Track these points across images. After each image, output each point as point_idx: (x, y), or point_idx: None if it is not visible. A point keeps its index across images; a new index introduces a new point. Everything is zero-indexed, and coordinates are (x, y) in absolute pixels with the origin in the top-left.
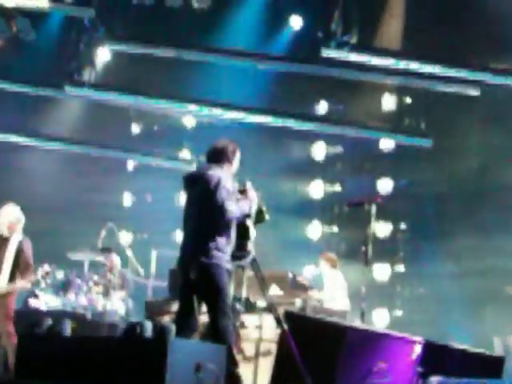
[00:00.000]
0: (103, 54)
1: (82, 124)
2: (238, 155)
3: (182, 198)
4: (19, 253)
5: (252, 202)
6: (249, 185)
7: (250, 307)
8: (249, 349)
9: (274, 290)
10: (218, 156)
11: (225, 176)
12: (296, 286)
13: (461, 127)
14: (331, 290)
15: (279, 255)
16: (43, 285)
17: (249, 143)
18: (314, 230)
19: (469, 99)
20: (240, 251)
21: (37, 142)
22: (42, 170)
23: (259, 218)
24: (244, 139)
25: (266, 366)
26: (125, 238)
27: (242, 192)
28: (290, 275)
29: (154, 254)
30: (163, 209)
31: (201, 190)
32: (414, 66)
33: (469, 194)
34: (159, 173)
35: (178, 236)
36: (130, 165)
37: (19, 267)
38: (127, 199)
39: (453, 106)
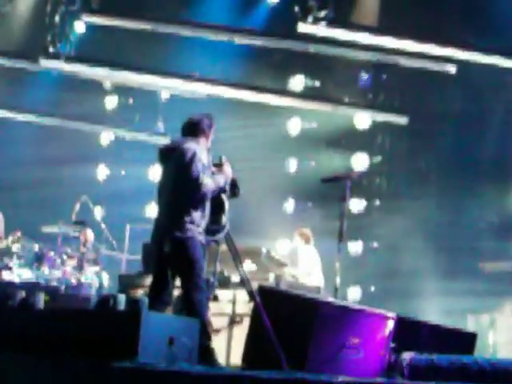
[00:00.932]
0: (78, 27)
1: (57, 97)
2: (213, 129)
3: (156, 172)
4: None
5: (227, 176)
6: (224, 159)
7: (224, 281)
8: (222, 323)
9: (248, 265)
10: (193, 129)
11: (200, 149)
12: (270, 261)
13: (436, 104)
14: (305, 266)
15: (253, 230)
16: (14, 249)
17: (224, 117)
18: (289, 205)
19: (445, 76)
20: (214, 225)
21: (11, 115)
22: (15, 142)
23: (234, 192)
24: (219, 114)
25: (240, 339)
26: (99, 211)
27: (218, 166)
28: (264, 250)
29: (127, 228)
30: (137, 182)
31: (176, 163)
32: (390, 42)
33: (444, 171)
34: (134, 146)
35: (152, 210)
36: (105, 138)
37: None
38: (101, 173)
39: (428, 83)
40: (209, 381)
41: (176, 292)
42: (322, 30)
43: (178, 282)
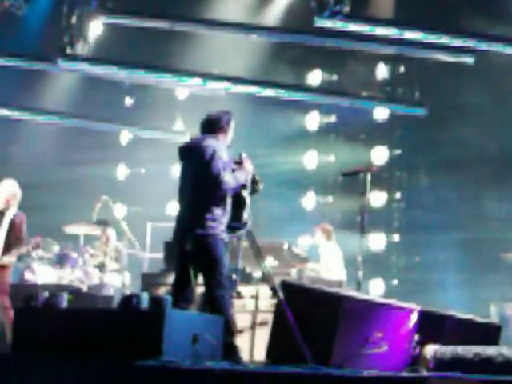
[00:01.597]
0: (95, 27)
1: (75, 98)
2: (232, 125)
3: (176, 170)
4: (12, 227)
5: (247, 172)
6: (244, 155)
7: (246, 278)
8: (245, 319)
9: (270, 261)
10: (212, 126)
11: (220, 147)
12: (292, 257)
13: (456, 96)
14: (327, 261)
15: (275, 226)
16: (34, 254)
17: (243, 114)
18: (309, 200)
19: (463, 67)
20: (236, 222)
21: (30, 116)
22: (35, 144)
23: (254, 188)
24: (238, 110)
25: (263, 336)
26: (120, 211)
27: (238, 163)
28: (286, 246)
29: (149, 227)
30: (158, 181)
31: (196, 161)
32: (408, 34)
33: (464, 162)
34: (153, 145)
35: (173, 208)
36: (124, 138)
37: (11, 241)
38: (121, 172)
39: (447, 74)
40: (233, 378)
41: (199, 290)
42: (338, 24)
43: (200, 280)
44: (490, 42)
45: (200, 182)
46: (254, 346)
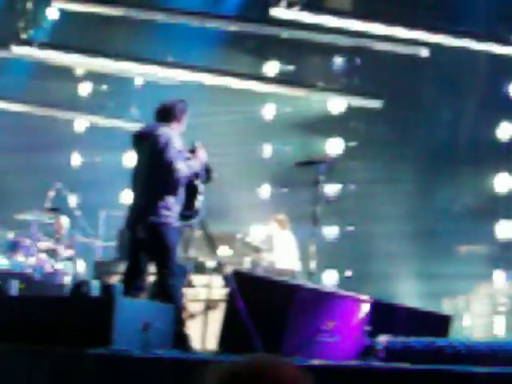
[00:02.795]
0: (51, 13)
1: (30, 84)
2: (186, 114)
3: (130, 158)
4: None
5: (201, 161)
6: (198, 144)
7: (199, 267)
8: (197, 308)
9: (224, 251)
10: (166, 114)
11: (173, 135)
12: (245, 247)
13: (411, 88)
14: (281, 251)
15: (229, 216)
16: None
17: (198, 103)
18: (264, 190)
19: (419, 60)
20: (188, 211)
21: None
22: None
23: (207, 177)
24: (193, 99)
25: (215, 325)
26: (73, 198)
27: (191, 151)
28: (240, 236)
29: (102, 215)
30: (112, 169)
31: (150, 149)
32: (364, 26)
33: (419, 155)
34: (108, 133)
35: (127, 196)
36: (79, 125)
37: None
38: (76, 159)
39: (403, 67)
40: (183, 366)
41: (151, 278)
42: (295, 14)
43: (152, 268)
44: (445, 35)
45: (153, 170)
46: (205, 335)
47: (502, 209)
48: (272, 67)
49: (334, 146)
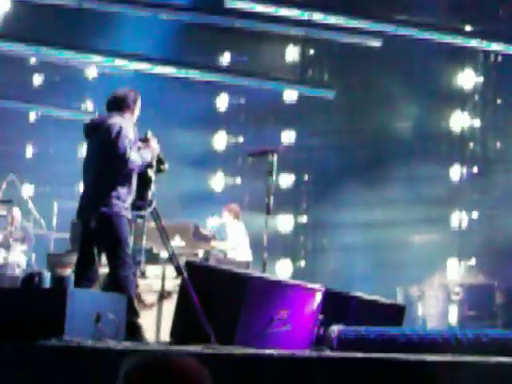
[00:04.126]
0: (3, 4)
1: None
2: (139, 103)
3: (84, 150)
4: None
5: (153, 151)
6: (150, 134)
7: (153, 258)
8: (150, 299)
9: (177, 242)
10: (118, 104)
11: (126, 124)
12: (199, 237)
13: (363, 78)
14: (234, 241)
15: (182, 206)
16: None
17: (151, 94)
18: (218, 181)
19: (371, 50)
20: (140, 201)
21: None
22: None
23: (159, 167)
24: (146, 90)
25: (169, 315)
26: (26, 190)
27: (144, 141)
28: (193, 226)
29: (55, 206)
30: (65, 160)
31: (101, 138)
32: (318, 16)
33: (372, 145)
34: (61, 124)
35: (80, 188)
36: (32, 116)
37: None
38: (29, 151)
39: (355, 57)
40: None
41: (102, 269)
42: (248, 4)
43: (104, 259)
44: (397, 26)
45: (105, 159)
46: (159, 326)
47: (457, 198)
48: (225, 58)
49: (287, 137)
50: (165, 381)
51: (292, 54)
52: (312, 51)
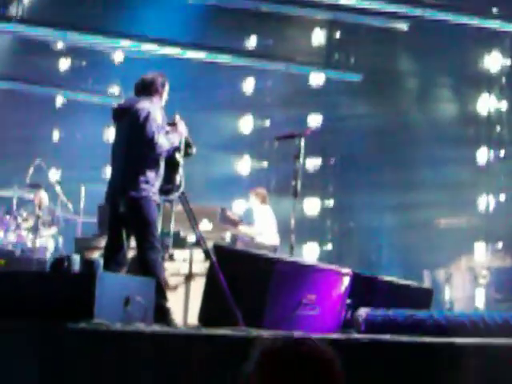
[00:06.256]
0: None
1: (10, 60)
2: (167, 87)
3: (111, 134)
4: None
5: (181, 135)
6: (178, 117)
7: (180, 242)
8: (178, 282)
9: (204, 225)
10: (146, 88)
11: (154, 109)
12: (226, 221)
13: (390, 61)
14: (261, 225)
15: (209, 190)
16: None
17: (178, 77)
18: (244, 165)
19: (398, 33)
20: (169, 185)
21: None
22: None
23: (187, 151)
24: (173, 74)
25: (196, 299)
26: (54, 174)
27: (171, 125)
28: (220, 210)
29: (82, 190)
30: (92, 144)
31: (130, 123)
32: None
33: (398, 129)
34: (88, 109)
35: (108, 172)
36: (59, 101)
37: None
38: (56, 135)
39: (382, 41)
40: (164, 340)
41: (131, 253)
42: None
43: (133, 243)
44: (424, 8)
45: (133, 144)
46: (187, 310)
47: (484, 181)
48: (251, 42)
49: (314, 120)
50: (307, 367)
51: (318, 37)
52: (338, 34)
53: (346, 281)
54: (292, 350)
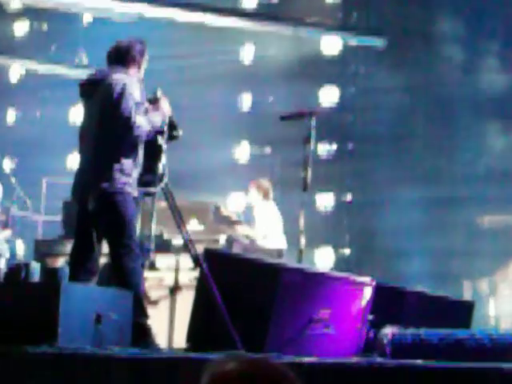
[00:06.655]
0: None
1: None
2: (146, 56)
3: (78, 115)
4: None
5: (164, 114)
6: (160, 93)
7: (164, 245)
8: (161, 296)
9: (193, 226)
10: (122, 57)
11: (131, 82)
12: (220, 220)
13: (419, 23)
14: (263, 225)
15: (199, 183)
16: None
17: (161, 44)
18: (243, 151)
19: None
20: (149, 175)
21: None
22: None
23: (171, 134)
24: (154, 38)
25: (183, 316)
26: (7, 163)
27: (152, 102)
28: (213, 207)
29: (43, 184)
30: (55, 127)
31: (101, 99)
32: None
33: (432, 104)
34: (50, 83)
35: (74, 161)
36: (15, 73)
37: None
38: (11, 116)
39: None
40: (145, 365)
41: (104, 260)
42: None
43: (106, 247)
44: None
45: (106, 125)
46: (172, 329)
47: None
48: (251, 0)
49: (328, 96)
50: None
51: None
52: None
53: (368, 293)
54: (245, 373)
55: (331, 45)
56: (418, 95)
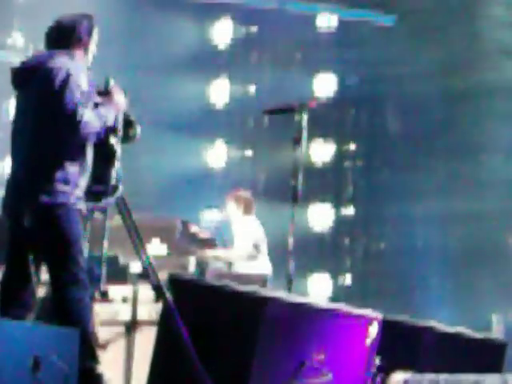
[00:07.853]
0: None
1: None
2: (95, 36)
3: (11, 109)
4: None
5: (118, 109)
6: (113, 83)
7: (118, 273)
8: (115, 335)
9: (155, 247)
10: (65, 38)
11: (76, 68)
12: (189, 240)
13: None
14: (243, 245)
15: (163, 194)
16: None
17: (113, 19)
18: (217, 154)
19: None
20: (100, 185)
21: None
22: None
23: (127, 133)
24: (105, 14)
25: (143, 360)
26: None
27: (104, 94)
28: (180, 224)
29: None
30: None
31: (39, 90)
32: None
33: (453, 97)
34: None
35: (6, 167)
36: None
37: None
38: None
39: None
40: None
41: (43, 290)
42: None
43: (45, 275)
44: None
45: (45, 122)
46: (129, 376)
47: None
48: None
49: (324, 84)
50: None
51: None
52: None
53: (373, 330)
54: None
55: (327, 21)
56: (435, 83)
